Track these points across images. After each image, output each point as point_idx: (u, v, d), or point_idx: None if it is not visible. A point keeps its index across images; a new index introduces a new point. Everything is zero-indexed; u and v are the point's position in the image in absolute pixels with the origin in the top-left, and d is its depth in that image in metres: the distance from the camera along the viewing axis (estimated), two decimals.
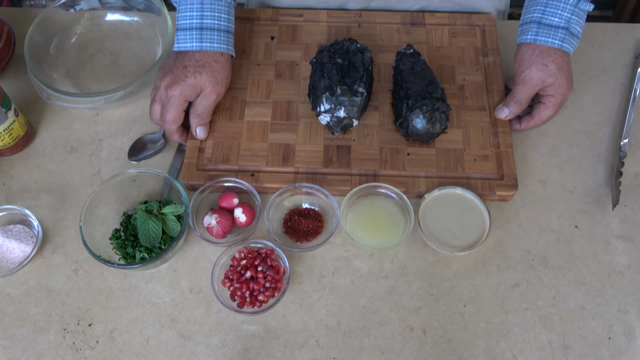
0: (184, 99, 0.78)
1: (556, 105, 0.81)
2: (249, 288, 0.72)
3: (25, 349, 0.72)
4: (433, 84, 0.82)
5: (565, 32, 0.78)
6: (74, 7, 0.95)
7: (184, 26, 0.78)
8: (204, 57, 0.78)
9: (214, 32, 0.79)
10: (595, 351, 0.72)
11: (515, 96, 0.81)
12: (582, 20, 0.80)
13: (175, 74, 0.77)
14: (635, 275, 0.76)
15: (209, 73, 0.78)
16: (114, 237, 0.76)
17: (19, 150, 0.86)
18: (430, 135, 0.80)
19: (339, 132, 0.82)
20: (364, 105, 0.82)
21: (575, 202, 0.82)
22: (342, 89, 0.79)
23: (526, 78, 0.80)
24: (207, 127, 0.82)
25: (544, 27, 0.79)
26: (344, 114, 0.80)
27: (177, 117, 0.79)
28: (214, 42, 0.78)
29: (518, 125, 0.85)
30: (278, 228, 0.79)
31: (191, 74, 0.77)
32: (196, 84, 0.77)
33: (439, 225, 0.77)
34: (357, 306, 0.74)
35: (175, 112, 0.78)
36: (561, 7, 0.78)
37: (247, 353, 0.71)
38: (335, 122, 0.81)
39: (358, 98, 0.80)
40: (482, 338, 0.72)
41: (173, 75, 0.77)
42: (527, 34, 0.80)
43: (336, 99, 0.79)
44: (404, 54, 0.86)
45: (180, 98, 0.77)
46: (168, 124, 0.79)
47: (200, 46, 0.78)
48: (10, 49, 0.93)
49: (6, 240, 0.77)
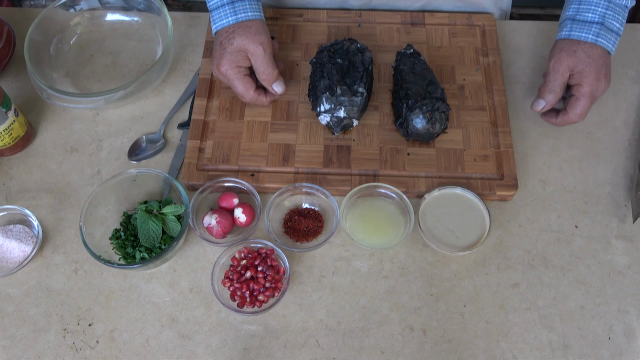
0: (236, 67, 0.80)
1: (586, 96, 0.79)
2: (249, 288, 0.72)
3: (25, 349, 0.72)
4: (433, 84, 0.82)
5: (600, 27, 0.78)
6: (74, 7, 0.95)
7: (215, 5, 0.82)
8: (234, 27, 0.80)
9: (244, 2, 0.81)
10: (595, 351, 0.72)
11: (547, 85, 0.81)
12: (620, 17, 0.79)
13: (217, 54, 0.81)
14: (635, 275, 0.76)
15: (242, 33, 0.79)
16: (114, 237, 0.77)
17: (19, 150, 0.86)
18: (430, 135, 0.80)
19: (339, 132, 0.82)
20: (364, 105, 0.82)
21: (575, 202, 0.82)
22: (342, 89, 0.79)
23: (555, 65, 0.80)
24: (280, 80, 0.83)
25: (578, 23, 0.80)
26: (344, 114, 0.80)
27: (245, 85, 0.81)
28: (247, 11, 0.81)
29: (555, 119, 0.83)
30: (278, 228, 0.79)
31: (227, 44, 0.80)
32: (237, 48, 0.79)
33: (439, 225, 0.77)
34: (357, 306, 0.74)
35: (239, 83, 0.81)
36: (594, 2, 0.79)
37: (247, 353, 0.71)
38: (336, 122, 0.81)
39: (358, 98, 0.80)
40: (482, 338, 0.72)
41: (215, 57, 0.81)
42: (563, 30, 0.82)
43: (336, 99, 0.79)
44: (404, 54, 0.86)
45: (232, 69, 0.80)
46: (244, 95, 0.82)
47: (235, 19, 0.80)
48: (10, 49, 0.93)
49: (6, 240, 0.77)
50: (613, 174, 0.84)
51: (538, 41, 0.97)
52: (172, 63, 0.94)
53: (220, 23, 0.81)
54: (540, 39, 0.97)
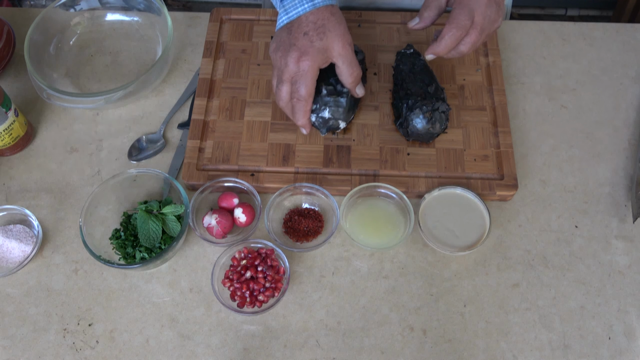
0: (317, 67, 0.73)
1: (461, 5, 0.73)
2: (249, 288, 0.72)
3: (25, 349, 0.72)
4: (433, 84, 0.82)
5: None
6: (74, 7, 0.95)
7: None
8: (318, 16, 0.72)
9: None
10: (595, 351, 0.72)
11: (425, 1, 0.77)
12: None
13: (300, 45, 0.72)
14: (635, 275, 0.76)
15: (332, 29, 0.72)
16: (114, 237, 0.77)
17: (19, 150, 0.86)
18: (430, 135, 0.80)
19: (325, 132, 0.81)
20: (352, 107, 0.81)
21: (575, 202, 0.82)
22: (327, 88, 0.78)
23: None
24: (361, 83, 0.78)
25: None
26: (329, 115, 0.79)
27: (312, 90, 0.74)
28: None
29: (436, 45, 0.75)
30: (278, 228, 0.79)
31: (317, 39, 0.72)
32: (325, 47, 0.72)
33: (439, 225, 0.77)
34: (357, 306, 0.74)
35: (311, 85, 0.73)
36: None
37: (247, 353, 0.71)
38: (321, 122, 0.80)
39: (343, 99, 0.79)
40: (482, 338, 0.72)
41: (297, 47, 0.72)
42: None
43: (321, 99, 0.78)
44: (403, 54, 0.86)
45: (314, 67, 0.73)
46: (304, 100, 0.75)
47: (313, 4, 0.72)
48: (10, 49, 0.93)
49: (6, 240, 0.77)
50: (613, 174, 0.84)
51: (538, 41, 0.97)
52: (172, 63, 0.94)
53: (295, 12, 0.73)
54: (540, 39, 0.97)
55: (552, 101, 0.91)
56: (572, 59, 0.95)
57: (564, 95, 0.91)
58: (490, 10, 0.74)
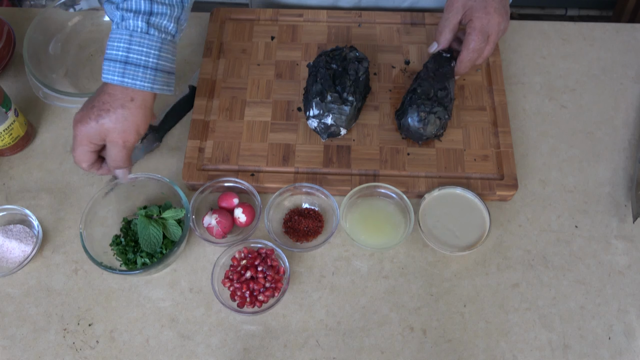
0: (88, 141, 0.70)
1: (476, 30, 0.77)
2: (249, 288, 0.72)
3: (25, 349, 0.72)
4: (445, 91, 0.81)
5: None
6: (74, 7, 0.95)
7: (110, 57, 0.70)
8: (116, 97, 0.69)
9: (139, 68, 0.69)
10: (595, 351, 0.72)
11: (439, 25, 0.81)
12: None
13: (85, 111, 0.70)
14: (635, 275, 0.77)
15: (114, 119, 0.69)
16: (115, 243, 0.76)
17: (19, 150, 0.86)
18: (420, 136, 0.80)
19: (325, 138, 0.82)
20: (354, 115, 0.81)
21: (575, 202, 0.82)
22: (332, 95, 0.79)
23: (449, 3, 0.80)
24: (127, 170, 0.74)
25: None
26: (332, 122, 0.79)
27: (83, 157, 0.71)
28: (137, 79, 0.69)
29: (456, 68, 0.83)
30: (278, 228, 0.79)
31: (94, 117, 0.69)
32: (99, 129, 0.69)
33: (439, 225, 0.77)
34: (357, 306, 0.74)
35: (80, 152, 0.71)
36: None
37: (247, 353, 0.71)
38: (323, 128, 0.80)
39: (347, 107, 0.79)
40: (482, 338, 0.72)
41: (82, 112, 0.70)
42: None
43: (325, 105, 0.79)
44: (439, 54, 0.85)
45: (84, 139, 0.70)
46: (76, 161, 0.72)
47: (121, 81, 0.69)
48: (10, 49, 0.93)
49: (6, 240, 0.77)
50: (613, 174, 0.84)
51: (538, 41, 0.97)
52: None
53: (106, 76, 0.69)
54: (540, 39, 0.97)
55: (552, 101, 0.91)
56: (572, 59, 0.95)
57: (564, 95, 0.91)
58: (502, 25, 0.79)
